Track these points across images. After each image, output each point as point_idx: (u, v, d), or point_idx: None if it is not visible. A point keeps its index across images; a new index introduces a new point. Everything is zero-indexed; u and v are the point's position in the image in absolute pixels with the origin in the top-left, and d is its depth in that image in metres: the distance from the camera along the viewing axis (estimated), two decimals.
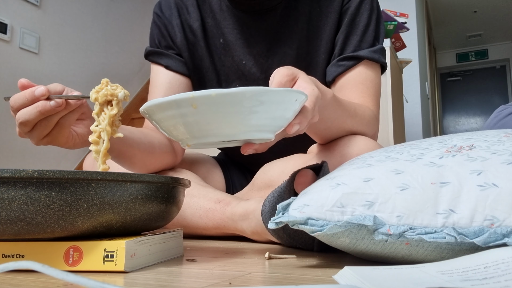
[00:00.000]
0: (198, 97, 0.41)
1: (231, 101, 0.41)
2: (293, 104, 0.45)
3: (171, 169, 0.89)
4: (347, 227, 0.42)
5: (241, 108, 0.42)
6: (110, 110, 0.53)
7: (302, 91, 0.46)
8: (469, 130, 6.43)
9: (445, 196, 0.42)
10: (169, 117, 0.44)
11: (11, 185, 0.40)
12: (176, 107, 0.42)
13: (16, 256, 0.43)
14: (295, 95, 0.44)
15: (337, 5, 0.87)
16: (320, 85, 0.63)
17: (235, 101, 0.41)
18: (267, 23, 0.88)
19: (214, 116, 0.42)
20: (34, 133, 0.57)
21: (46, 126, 0.56)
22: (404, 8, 2.96)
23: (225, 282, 0.38)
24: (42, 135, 0.57)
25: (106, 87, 0.54)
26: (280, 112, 0.44)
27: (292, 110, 0.46)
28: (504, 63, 6.42)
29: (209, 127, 0.43)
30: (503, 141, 0.47)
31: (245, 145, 0.49)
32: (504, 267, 0.32)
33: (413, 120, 3.04)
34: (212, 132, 0.44)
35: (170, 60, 0.91)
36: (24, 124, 0.55)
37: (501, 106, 1.19)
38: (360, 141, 0.72)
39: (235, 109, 0.42)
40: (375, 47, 0.86)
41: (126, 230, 0.47)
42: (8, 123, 2.33)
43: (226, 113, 0.42)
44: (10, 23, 2.39)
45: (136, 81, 3.36)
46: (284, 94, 0.43)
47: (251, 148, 0.48)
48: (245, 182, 1.00)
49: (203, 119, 0.42)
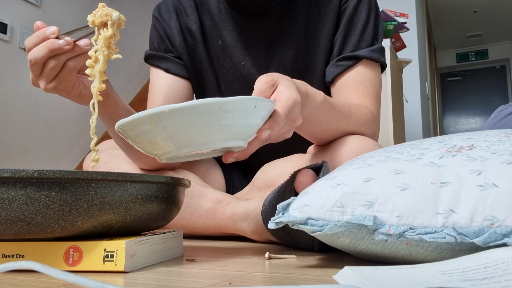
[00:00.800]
0: (153, 114, 0.41)
1: (184, 114, 0.42)
2: (254, 110, 0.44)
3: (171, 169, 0.89)
4: (347, 227, 0.42)
5: (199, 120, 0.42)
6: (105, 32, 0.55)
7: (262, 98, 0.46)
8: (469, 130, 6.43)
9: (445, 196, 0.42)
10: (135, 135, 0.45)
11: (11, 185, 0.40)
12: (137, 125, 0.43)
13: (16, 256, 0.43)
14: (252, 102, 0.44)
15: (335, 5, 0.87)
16: (309, 88, 0.64)
17: (191, 114, 0.42)
18: (265, 24, 0.88)
19: (173, 130, 0.43)
20: (43, 75, 0.59)
21: (54, 66, 0.58)
22: (404, 8, 2.96)
23: (225, 282, 0.38)
24: (50, 78, 0.59)
25: (102, 9, 0.55)
26: (242, 120, 0.44)
27: (258, 116, 0.46)
28: (504, 63, 6.42)
29: (172, 140, 0.44)
30: (503, 141, 0.47)
31: (226, 154, 0.50)
32: (504, 267, 0.32)
33: (413, 120, 3.04)
34: (177, 145, 0.45)
35: (169, 63, 0.91)
36: (34, 64, 0.57)
37: (501, 106, 1.19)
38: (359, 141, 0.72)
39: (195, 121, 0.42)
40: (374, 47, 0.86)
41: (126, 230, 0.47)
42: (8, 123, 2.33)
43: (182, 126, 0.42)
44: (10, 23, 2.39)
45: (135, 82, 3.36)
46: (236, 103, 0.43)
47: (231, 156, 0.49)
48: (245, 182, 1.00)
49: (163, 134, 0.43)
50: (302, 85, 0.63)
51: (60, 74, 0.59)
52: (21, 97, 2.43)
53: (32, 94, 2.50)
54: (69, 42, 0.57)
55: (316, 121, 0.69)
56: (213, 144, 0.45)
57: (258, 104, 0.45)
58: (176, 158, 0.49)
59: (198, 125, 0.43)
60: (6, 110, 2.33)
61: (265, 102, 0.46)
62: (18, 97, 2.41)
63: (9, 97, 2.36)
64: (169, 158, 0.48)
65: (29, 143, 2.46)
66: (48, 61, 0.58)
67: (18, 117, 2.40)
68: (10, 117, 2.34)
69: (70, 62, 0.59)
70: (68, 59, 0.58)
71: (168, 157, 0.47)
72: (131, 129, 0.45)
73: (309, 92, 0.63)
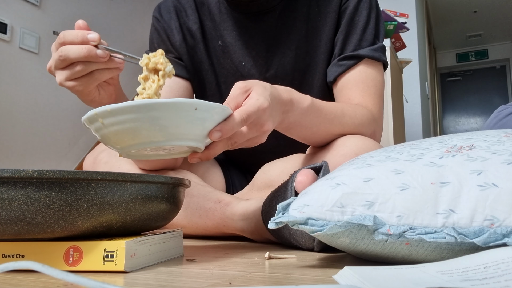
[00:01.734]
0: (99, 112, 0.44)
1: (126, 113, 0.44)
2: (195, 113, 0.46)
3: (171, 169, 0.89)
4: (347, 227, 0.42)
5: (141, 119, 0.44)
6: (158, 80, 0.56)
7: (204, 101, 0.47)
8: (469, 130, 6.43)
9: (445, 196, 0.42)
10: (93, 130, 0.48)
11: (11, 185, 0.40)
12: (88, 123, 0.47)
13: (16, 256, 0.43)
14: (188, 105, 0.45)
15: (336, 4, 0.87)
16: (295, 94, 0.65)
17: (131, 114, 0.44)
18: (265, 24, 0.88)
19: (117, 128, 0.45)
20: (66, 71, 0.58)
21: (81, 70, 0.57)
22: (404, 8, 2.96)
23: (225, 282, 0.38)
24: (73, 77, 0.58)
25: (160, 56, 0.56)
26: (182, 121, 0.46)
27: (205, 119, 0.47)
28: (504, 63, 6.42)
29: (118, 138, 0.46)
30: (503, 141, 0.47)
31: (190, 154, 0.52)
32: (504, 267, 0.32)
33: (413, 120, 3.04)
34: (124, 143, 0.47)
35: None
36: (63, 60, 0.57)
37: (501, 106, 1.19)
38: (359, 141, 0.72)
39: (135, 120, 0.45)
40: (375, 46, 0.86)
41: (126, 230, 0.47)
42: (8, 123, 2.33)
43: (123, 125, 0.45)
44: (10, 23, 2.39)
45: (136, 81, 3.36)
46: (170, 106, 0.44)
47: (194, 157, 0.52)
48: (245, 182, 1.00)
49: (112, 131, 0.46)
50: (286, 91, 0.63)
51: (82, 78, 0.59)
52: (21, 97, 2.43)
53: (32, 94, 2.50)
54: (106, 54, 0.57)
55: (305, 125, 0.69)
56: (159, 144, 0.47)
57: (198, 106, 0.46)
58: (134, 155, 0.51)
59: (138, 125, 0.45)
60: (6, 110, 2.33)
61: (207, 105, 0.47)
62: (18, 97, 2.41)
63: (9, 97, 2.36)
64: (128, 155, 0.50)
65: (29, 143, 2.46)
66: (78, 63, 0.57)
67: (18, 117, 2.40)
68: (10, 117, 2.34)
69: (98, 73, 0.59)
70: (97, 69, 0.58)
71: (123, 153, 0.50)
72: (89, 124, 0.47)
73: (293, 98, 0.64)
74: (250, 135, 0.55)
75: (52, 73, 0.60)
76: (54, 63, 0.58)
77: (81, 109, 2.81)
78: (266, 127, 0.55)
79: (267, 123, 0.56)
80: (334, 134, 0.75)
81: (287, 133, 0.71)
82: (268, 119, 0.56)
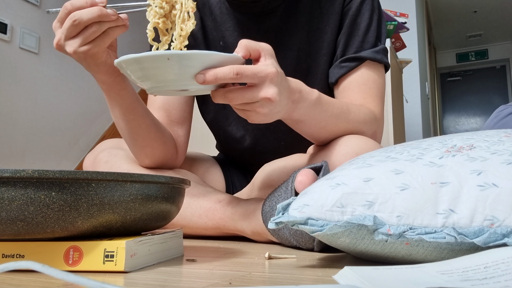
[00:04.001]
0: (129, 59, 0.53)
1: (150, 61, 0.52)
2: (166, 62, 0.52)
3: (171, 169, 0.89)
4: (347, 227, 0.42)
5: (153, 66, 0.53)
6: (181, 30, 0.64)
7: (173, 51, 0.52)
8: (469, 130, 6.43)
9: (445, 196, 0.42)
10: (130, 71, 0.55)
11: (11, 185, 0.40)
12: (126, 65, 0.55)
13: (16, 256, 0.43)
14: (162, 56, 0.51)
15: (338, 6, 0.87)
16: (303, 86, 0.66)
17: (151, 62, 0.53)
18: (267, 25, 0.88)
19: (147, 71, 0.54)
20: (79, 37, 0.61)
21: (96, 30, 0.60)
22: (404, 8, 2.96)
23: (225, 282, 0.38)
24: (87, 40, 0.61)
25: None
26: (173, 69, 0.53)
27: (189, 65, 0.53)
28: (504, 63, 6.42)
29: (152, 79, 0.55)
30: (503, 141, 0.47)
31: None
32: (504, 267, 0.32)
33: (413, 120, 3.04)
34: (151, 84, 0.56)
35: None
36: (77, 24, 0.59)
37: (501, 106, 1.19)
38: (359, 140, 0.72)
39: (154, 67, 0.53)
40: (377, 48, 0.86)
41: (126, 230, 0.47)
42: (8, 123, 2.33)
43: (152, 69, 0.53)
44: (10, 23, 2.39)
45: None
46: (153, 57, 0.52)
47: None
48: (245, 182, 1.00)
49: (144, 73, 0.54)
50: (295, 82, 0.64)
51: (97, 38, 0.61)
52: (21, 97, 2.43)
53: (32, 94, 2.50)
54: (116, 12, 0.61)
55: (314, 119, 0.69)
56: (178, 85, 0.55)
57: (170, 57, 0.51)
58: (161, 92, 0.59)
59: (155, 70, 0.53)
60: (6, 110, 2.33)
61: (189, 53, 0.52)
62: (18, 97, 2.41)
63: (9, 97, 2.36)
64: (157, 91, 0.58)
65: (29, 143, 2.46)
66: (92, 25, 0.60)
67: (18, 117, 2.40)
68: (10, 117, 2.34)
69: (111, 30, 0.62)
70: (109, 27, 0.61)
71: (151, 92, 0.58)
72: (127, 66, 0.54)
73: (302, 90, 0.65)
74: (248, 95, 0.55)
75: (61, 49, 0.62)
76: (66, 32, 0.60)
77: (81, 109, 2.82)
78: (265, 93, 0.55)
79: (269, 90, 0.55)
80: (339, 131, 0.75)
81: (296, 128, 0.72)
82: (270, 86, 0.55)
